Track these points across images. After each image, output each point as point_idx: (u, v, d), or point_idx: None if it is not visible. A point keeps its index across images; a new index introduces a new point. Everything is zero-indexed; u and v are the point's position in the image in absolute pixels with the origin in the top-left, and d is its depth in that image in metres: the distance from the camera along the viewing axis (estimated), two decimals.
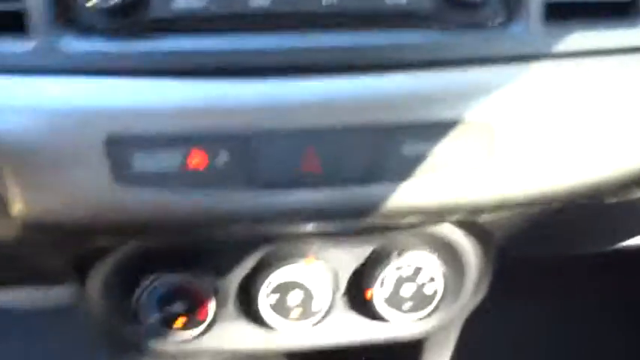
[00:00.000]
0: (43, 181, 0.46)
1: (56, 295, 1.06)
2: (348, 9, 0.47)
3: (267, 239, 0.60)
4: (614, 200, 0.61)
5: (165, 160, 0.46)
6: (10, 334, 1.16)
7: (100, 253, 0.58)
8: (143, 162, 0.45)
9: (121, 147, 0.45)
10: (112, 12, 0.44)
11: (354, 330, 0.66)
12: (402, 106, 0.48)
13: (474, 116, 0.49)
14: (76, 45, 0.45)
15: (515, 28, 0.49)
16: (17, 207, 0.46)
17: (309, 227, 0.57)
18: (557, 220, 0.63)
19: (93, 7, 0.44)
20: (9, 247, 0.54)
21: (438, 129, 0.49)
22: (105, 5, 0.44)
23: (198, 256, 0.60)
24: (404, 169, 0.49)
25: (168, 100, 0.46)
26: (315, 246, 0.62)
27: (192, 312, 0.60)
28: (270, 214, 0.49)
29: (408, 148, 0.48)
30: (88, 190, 0.46)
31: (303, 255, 0.61)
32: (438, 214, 0.56)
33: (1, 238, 0.51)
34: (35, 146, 0.45)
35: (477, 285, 0.67)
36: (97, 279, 0.60)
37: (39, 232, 0.49)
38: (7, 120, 0.45)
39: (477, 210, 0.55)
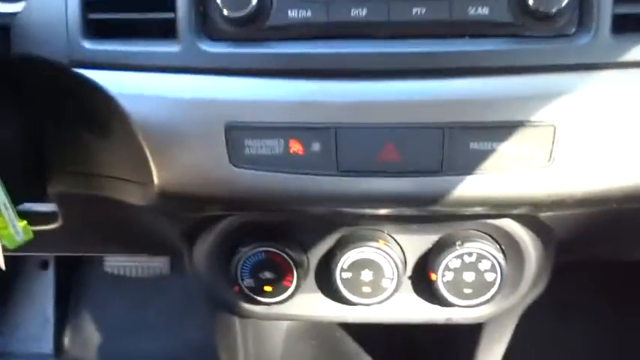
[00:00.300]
0: (175, 159, 0.58)
1: (158, 264, 1.22)
2: (434, 18, 0.55)
3: (346, 221, 0.69)
4: None
5: (271, 146, 0.56)
6: (115, 298, 1.35)
7: (208, 225, 0.69)
8: (253, 147, 0.56)
9: (236, 133, 0.56)
10: (239, 21, 0.56)
11: (418, 309, 0.74)
12: (472, 107, 0.55)
13: (539, 118, 0.55)
14: (211, 48, 0.56)
15: (585, 38, 0.55)
16: (154, 179, 0.59)
17: (384, 212, 0.65)
18: (617, 223, 0.67)
19: (225, 17, 0.55)
20: (141, 214, 0.67)
21: (505, 129, 0.55)
22: (233, 16, 0.55)
23: (287, 232, 0.70)
24: (472, 164, 0.56)
25: (274, 96, 0.56)
26: (387, 231, 0.71)
27: (279, 281, 0.70)
28: (352, 197, 0.58)
29: (476, 145, 0.55)
30: (208, 168, 0.57)
31: (376, 238, 0.69)
32: (501, 207, 0.62)
33: (141, 203, 0.64)
34: (171, 129, 0.58)
35: (536, 278, 0.72)
36: (203, 247, 0.71)
37: (168, 200, 0.61)
38: (151, 107, 0.58)
39: (538, 206, 0.61)
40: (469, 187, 0.57)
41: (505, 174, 0.56)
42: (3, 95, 0.65)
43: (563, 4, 0.53)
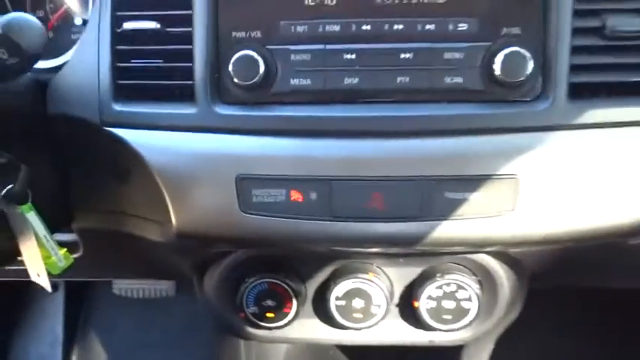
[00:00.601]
0: (191, 204, 0.68)
1: (164, 287, 1.31)
2: (415, 86, 0.65)
3: (340, 256, 0.78)
4: (637, 241, 0.73)
5: (275, 195, 0.65)
6: (123, 319, 1.42)
7: (217, 258, 0.78)
8: (260, 195, 0.65)
9: (246, 184, 0.65)
10: (248, 88, 0.65)
11: (404, 333, 0.83)
12: (448, 163, 0.65)
13: (504, 172, 0.64)
14: (224, 111, 0.66)
15: (545, 104, 0.64)
16: (173, 220, 0.68)
17: (373, 250, 0.74)
18: (578, 257, 0.76)
19: (236, 84, 0.65)
20: (157, 249, 0.76)
21: (476, 182, 0.65)
22: (243, 83, 0.65)
23: (287, 265, 0.79)
24: (446, 210, 0.65)
25: (278, 153, 0.66)
26: (376, 264, 0.80)
27: (280, 308, 0.79)
28: (343, 239, 0.67)
29: (451, 195, 0.65)
30: (221, 213, 0.67)
31: (366, 271, 0.79)
32: (473, 247, 0.71)
33: (160, 240, 0.73)
34: (188, 179, 0.67)
35: (510, 305, 0.81)
36: (212, 278, 0.80)
37: (184, 238, 0.70)
38: (171, 161, 0.67)
39: (504, 245, 0.70)
40: (444, 231, 0.66)
41: (475, 220, 0.66)
42: (39, 143, 0.74)
43: (526, 74, 0.63)
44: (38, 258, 0.74)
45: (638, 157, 0.66)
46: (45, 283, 0.76)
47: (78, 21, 0.81)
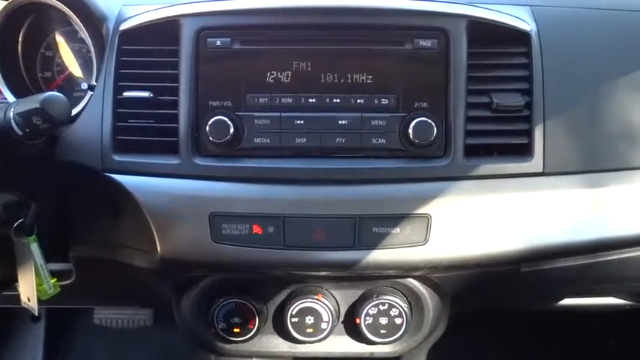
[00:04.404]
0: (173, 235, 0.84)
1: (142, 316, 1.43)
2: (349, 145, 0.84)
3: (295, 280, 0.95)
4: (528, 269, 0.91)
5: (240, 229, 0.83)
6: (102, 348, 1.53)
7: (193, 282, 0.94)
8: (228, 229, 0.83)
9: (217, 219, 0.83)
10: (221, 144, 0.83)
11: (349, 346, 0.99)
12: (374, 204, 0.84)
13: (418, 211, 0.83)
14: (201, 162, 0.84)
15: (446, 160, 0.84)
16: (158, 248, 0.84)
17: (321, 273, 0.92)
18: (486, 282, 0.94)
19: (211, 141, 0.83)
20: (143, 274, 0.92)
21: (396, 219, 0.83)
22: (217, 141, 0.83)
23: (252, 288, 0.95)
24: (374, 242, 0.83)
25: (243, 195, 0.84)
26: (325, 287, 0.96)
27: (245, 324, 0.94)
28: (295, 264, 0.85)
29: (377, 229, 0.83)
30: (197, 243, 0.84)
31: (316, 292, 0.95)
32: (398, 270, 0.89)
33: (146, 266, 0.89)
34: (171, 215, 0.84)
35: (435, 322, 0.97)
36: (188, 299, 0.96)
37: (168, 263, 0.86)
38: (159, 200, 0.84)
39: (422, 269, 0.88)
40: (372, 257, 0.84)
41: (396, 249, 0.84)
42: (47, 183, 0.90)
43: (432, 137, 0.83)
44: (32, 284, 0.87)
45: (518, 200, 0.85)
46: (34, 307, 0.88)
47: (81, 82, 0.97)
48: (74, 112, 0.89)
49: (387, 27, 0.85)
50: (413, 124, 0.83)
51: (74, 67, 0.98)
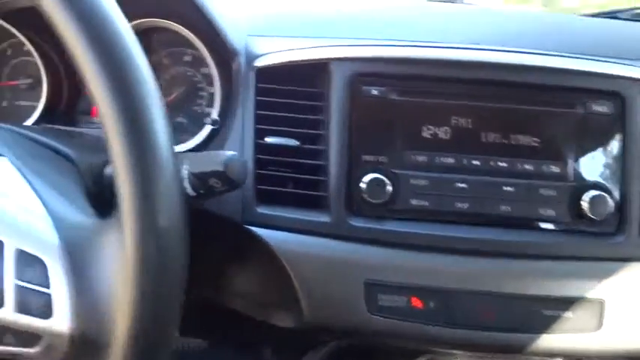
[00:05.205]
0: (322, 301, 0.75)
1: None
2: (515, 214, 0.76)
3: (429, 351, 0.86)
4: None
5: (398, 301, 0.74)
6: None
7: (321, 343, 0.85)
8: (385, 300, 0.74)
9: (373, 289, 0.74)
10: (377, 205, 0.76)
11: None
12: (544, 283, 0.75)
13: (592, 295, 0.75)
14: (356, 223, 0.76)
15: (619, 238, 0.77)
16: (305, 311, 0.75)
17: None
18: None
19: (366, 200, 0.76)
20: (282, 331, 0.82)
21: (567, 302, 0.75)
22: (373, 201, 0.76)
23: (379, 354, 0.86)
24: (543, 326, 0.75)
25: (401, 263, 0.75)
26: (459, 357, 0.87)
27: None
28: (460, 344, 0.76)
29: (547, 312, 0.74)
30: (351, 313, 0.74)
31: None
32: (564, 356, 0.80)
33: (282, 325, 0.80)
34: (321, 280, 0.75)
35: None
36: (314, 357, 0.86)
37: (312, 327, 0.77)
38: (307, 261, 0.75)
39: (592, 357, 0.79)
40: (542, 343, 0.75)
41: (565, 335, 0.75)
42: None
43: (607, 213, 0.76)
44: None
45: None
46: None
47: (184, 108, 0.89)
48: (193, 144, 0.82)
49: (557, 88, 0.79)
50: (587, 196, 0.76)
51: (178, 92, 0.90)
